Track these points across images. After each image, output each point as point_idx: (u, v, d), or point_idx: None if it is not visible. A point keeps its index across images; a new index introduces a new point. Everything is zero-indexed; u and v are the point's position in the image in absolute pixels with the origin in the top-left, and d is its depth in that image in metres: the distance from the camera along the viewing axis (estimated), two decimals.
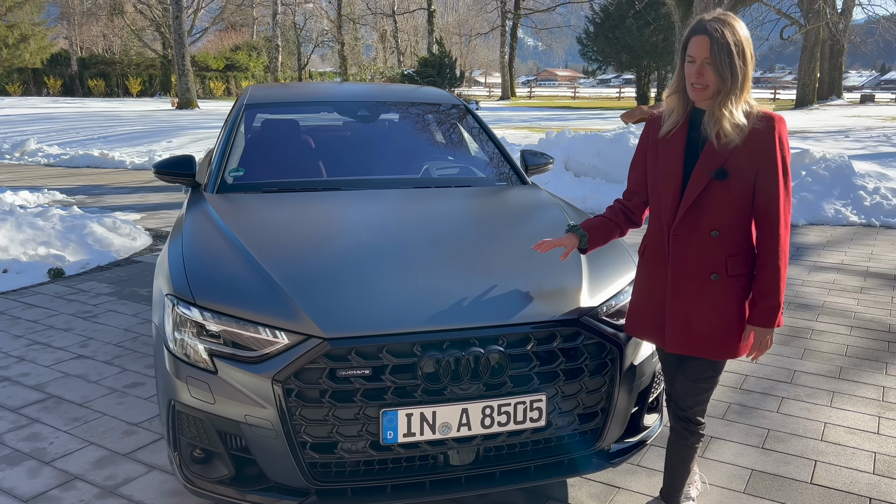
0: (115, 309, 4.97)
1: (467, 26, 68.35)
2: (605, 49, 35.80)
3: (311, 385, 2.18)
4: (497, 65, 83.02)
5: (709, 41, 2.05)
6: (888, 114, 28.92)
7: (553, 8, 44.79)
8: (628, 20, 33.49)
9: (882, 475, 2.87)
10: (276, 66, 33.74)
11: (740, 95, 2.09)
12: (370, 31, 57.10)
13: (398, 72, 35.69)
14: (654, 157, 2.29)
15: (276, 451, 2.21)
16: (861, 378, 3.81)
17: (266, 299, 2.34)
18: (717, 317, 2.20)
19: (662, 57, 34.44)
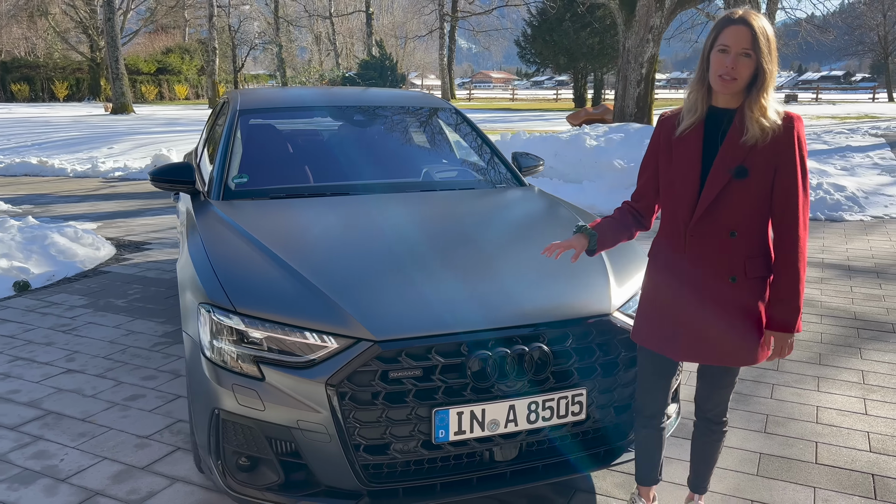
0: (94, 321, 4.83)
1: (403, 28, 68.41)
2: (543, 51, 36.36)
3: (364, 388, 2.21)
4: (432, 67, 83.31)
5: (749, 32, 2.01)
6: (812, 112, 30.32)
7: (490, 10, 45.21)
8: (565, 23, 34.12)
9: (879, 453, 3.07)
10: (214, 69, 33.03)
11: (771, 90, 2.06)
12: (304, 34, 56.56)
13: (339, 74, 35.43)
14: (668, 156, 2.24)
15: (330, 455, 2.23)
16: (840, 363, 4.03)
17: (310, 304, 2.35)
18: (735, 321, 2.15)
19: (599, 59, 35.21)
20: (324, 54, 59.76)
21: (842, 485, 2.82)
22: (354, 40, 62.48)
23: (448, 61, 45.30)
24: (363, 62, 34.44)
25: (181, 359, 4.15)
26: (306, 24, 50.41)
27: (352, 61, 53.48)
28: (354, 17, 55.15)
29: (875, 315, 4.87)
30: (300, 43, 63.56)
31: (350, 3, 54.77)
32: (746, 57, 2.02)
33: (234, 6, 41.22)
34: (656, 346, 2.27)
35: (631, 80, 14.86)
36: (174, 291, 5.48)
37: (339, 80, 34.88)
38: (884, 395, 3.63)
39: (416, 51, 72.56)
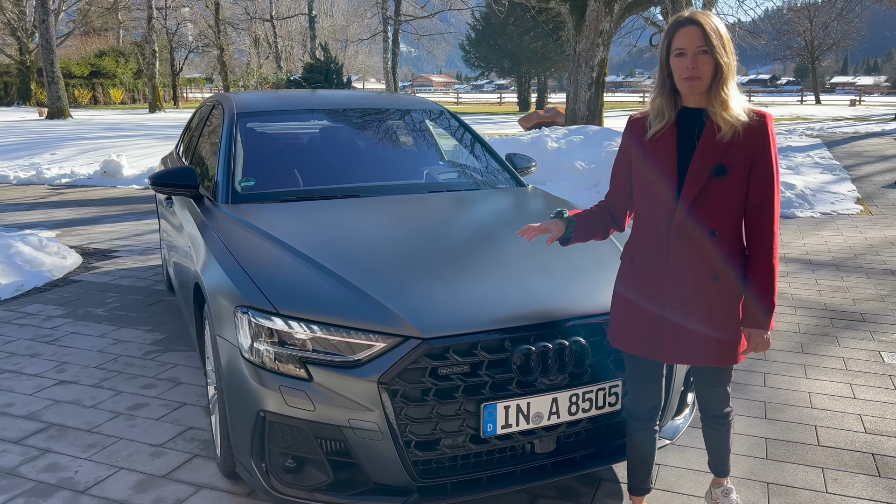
0: (76, 331, 4.70)
1: (343, 32, 67.91)
2: (488, 55, 36.78)
3: (414, 385, 2.25)
4: (373, 70, 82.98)
5: (700, 30, 2.03)
6: None
7: (433, 14, 45.34)
8: (509, 27, 34.57)
9: (874, 433, 3.25)
10: (154, 72, 32.19)
11: (734, 82, 2.09)
12: (243, 36, 55.53)
13: (283, 77, 34.95)
14: (642, 158, 2.22)
15: (382, 453, 2.26)
16: (821, 351, 4.25)
17: (353, 304, 2.38)
18: (719, 322, 2.16)
19: (542, 63, 35.81)
20: (263, 57, 58.87)
21: (846, 465, 2.99)
22: (294, 43, 61.71)
23: (392, 65, 45.20)
24: (308, 65, 34.01)
25: (177, 367, 4.08)
26: (246, 26, 49.53)
27: (292, 64, 52.78)
28: (294, 20, 54.48)
29: (843, 306, 5.13)
30: (238, 45, 62.47)
31: (290, 6, 54.10)
32: (704, 54, 2.04)
33: (174, 8, 40.23)
34: (639, 349, 2.26)
35: (582, 84, 15.18)
36: (155, 299, 5.38)
37: (283, 83, 34.40)
38: (867, 380, 3.84)
39: (357, 54, 72.12)
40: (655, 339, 2.22)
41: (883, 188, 10.80)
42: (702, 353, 2.19)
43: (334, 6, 74.40)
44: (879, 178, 11.82)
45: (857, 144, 16.60)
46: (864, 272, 6.09)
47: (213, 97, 4.72)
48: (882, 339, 4.44)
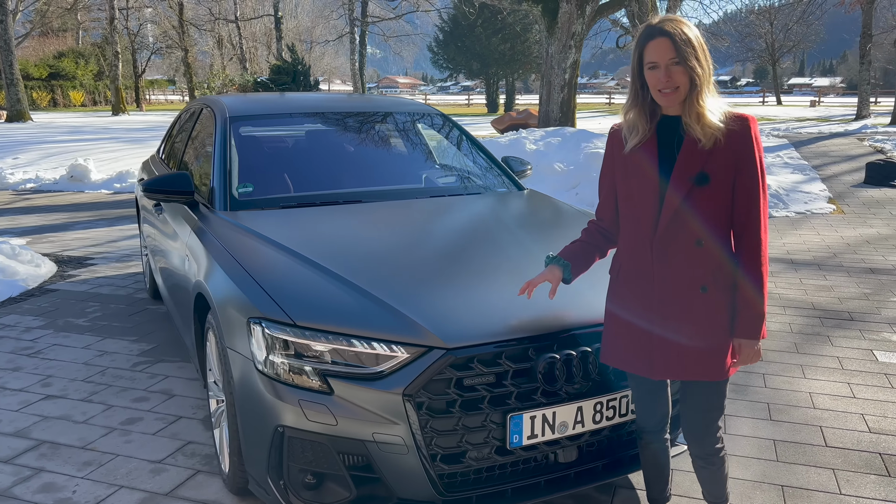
0: (59, 343, 4.54)
1: (308, 33, 67.39)
2: (456, 57, 36.81)
3: (439, 396, 2.19)
4: (339, 72, 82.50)
5: (670, 41, 1.97)
6: None
7: (400, 16, 45.22)
8: (477, 29, 34.65)
9: (878, 433, 3.28)
10: (117, 74, 31.50)
11: (710, 90, 2.01)
12: (205, 37, 54.74)
13: (249, 79, 34.54)
14: (624, 170, 2.17)
15: (407, 467, 2.20)
16: (816, 351, 4.29)
17: (372, 314, 2.31)
18: (710, 333, 2.09)
19: (510, 65, 35.94)
20: (227, 58, 58.14)
21: (855, 465, 3.00)
22: (258, 44, 61.06)
23: (360, 66, 45.01)
24: (275, 66, 33.69)
25: (169, 378, 3.96)
26: (210, 28, 48.82)
27: (257, 66, 52.19)
28: (257, 21, 53.87)
29: (830, 305, 5.20)
30: (201, 47, 61.63)
31: (254, 7, 53.48)
32: (677, 65, 1.98)
33: (136, 8, 39.46)
34: (630, 366, 2.19)
35: (555, 86, 15.23)
36: (138, 308, 5.23)
37: (250, 84, 33.99)
38: (864, 378, 3.88)
39: (323, 56, 71.64)
40: (645, 355, 2.14)
41: (852, 187, 11.03)
42: (692, 368, 2.11)
43: (299, 7, 73.87)
44: (847, 177, 12.07)
45: (823, 144, 16.95)
46: (845, 271, 6.19)
47: (198, 101, 4.60)
48: (873, 338, 4.50)
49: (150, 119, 29.78)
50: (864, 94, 26.03)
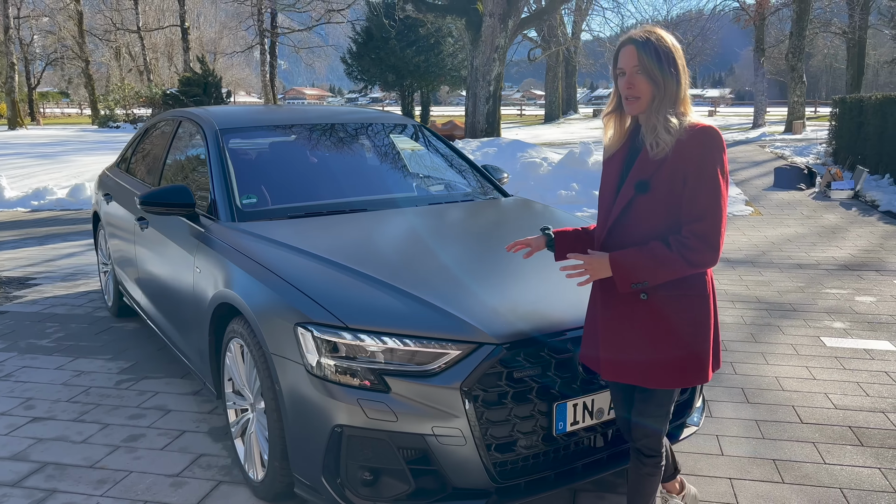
0: (27, 365, 4.38)
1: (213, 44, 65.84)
2: (371, 69, 36.78)
3: (492, 389, 2.33)
4: (244, 84, 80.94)
5: (635, 49, 2.01)
6: None
7: (310, 28, 44.92)
8: (391, 41, 34.77)
9: (843, 409, 3.63)
10: (13, 86, 29.84)
11: (676, 104, 2.02)
12: (101, 48, 52.56)
13: (157, 91, 33.45)
14: (602, 175, 2.26)
15: (465, 458, 2.31)
16: (771, 340, 4.66)
17: (421, 314, 2.43)
18: (649, 340, 2.08)
19: (425, 77, 36.25)
20: (125, 70, 56.05)
21: (832, 438, 3.33)
22: (159, 55, 59.18)
23: (270, 77, 44.38)
24: (184, 78, 32.78)
25: (159, 394, 3.90)
26: (110, 38, 46.98)
27: (158, 77, 50.57)
28: (159, 32, 52.24)
29: (772, 298, 5.63)
30: (97, 58, 59.17)
31: (157, 17, 51.83)
32: (639, 74, 2.01)
33: (34, 17, 37.53)
34: (591, 363, 2.24)
35: (480, 98, 15.62)
36: (102, 327, 5.08)
37: (158, 97, 32.91)
38: (819, 362, 4.26)
39: (231, 67, 70.06)
40: (597, 356, 2.19)
41: (764, 191, 11.83)
42: (634, 373, 2.12)
43: (201, 17, 72.07)
44: (758, 181, 12.95)
45: (730, 151, 17.96)
46: (777, 267, 6.69)
47: (171, 113, 4.55)
48: (816, 326, 4.93)
49: (51, 133, 28.37)
50: (761, 104, 27.85)
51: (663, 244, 2.02)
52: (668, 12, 62.19)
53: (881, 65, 48.42)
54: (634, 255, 2.04)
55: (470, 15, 15.62)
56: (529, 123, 36.81)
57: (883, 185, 11.73)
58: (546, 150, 11.09)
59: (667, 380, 2.12)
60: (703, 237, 1.98)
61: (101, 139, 25.39)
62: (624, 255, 2.05)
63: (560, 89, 36.85)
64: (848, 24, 29.71)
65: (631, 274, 2.03)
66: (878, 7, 32.09)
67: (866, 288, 5.88)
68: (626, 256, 2.05)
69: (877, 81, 55.75)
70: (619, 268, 2.05)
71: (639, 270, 2.03)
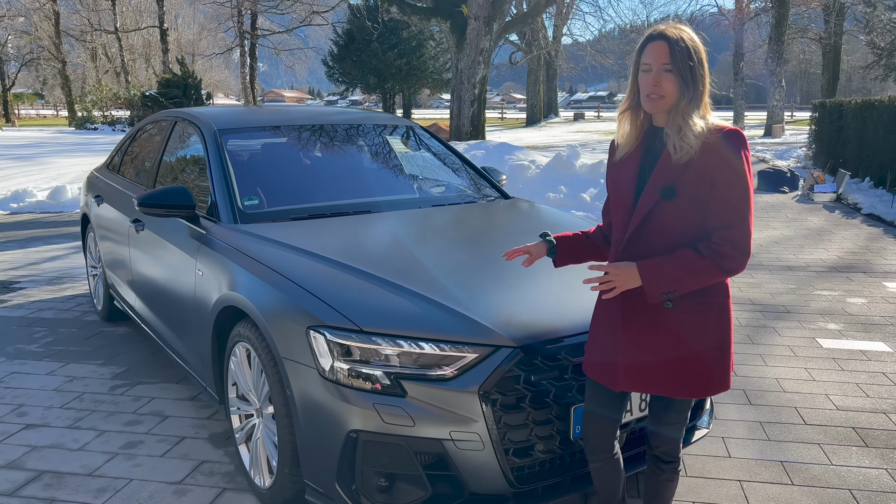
0: (17, 370, 4.27)
1: (191, 45, 65.32)
2: (352, 71, 36.73)
3: (510, 393, 2.30)
4: (222, 86, 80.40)
5: (667, 46, 1.93)
6: (603, 129, 33.51)
7: (291, 30, 44.72)
8: (373, 44, 34.75)
9: (844, 409, 3.65)
10: None
11: (701, 106, 1.96)
12: (77, 49, 51.93)
13: (136, 93, 33.08)
14: (613, 178, 2.16)
15: (483, 463, 2.28)
16: (768, 341, 4.68)
17: (436, 317, 2.39)
18: (673, 349, 2.01)
19: (407, 80, 36.26)
20: (102, 71, 55.43)
21: (836, 439, 3.34)
22: (136, 56, 58.60)
23: (250, 79, 44.11)
24: (164, 80, 32.47)
25: (155, 399, 3.82)
26: (88, 38, 46.41)
27: (135, 79, 50.06)
28: (136, 33, 51.73)
29: (765, 300, 5.66)
30: (72, 59, 58.48)
31: (135, 18, 51.31)
32: (668, 72, 1.94)
33: (9, 18, 36.96)
34: (598, 375, 2.15)
35: (465, 100, 15.61)
36: (92, 331, 4.99)
37: (137, 98, 32.55)
38: (816, 363, 4.28)
39: (210, 69, 69.53)
40: (611, 366, 2.09)
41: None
42: (657, 382, 2.05)
43: (179, 19, 71.57)
44: None
45: None
46: (767, 269, 6.74)
47: (165, 114, 4.47)
48: (811, 327, 4.96)
49: (28, 135, 27.95)
50: (740, 108, 28.16)
51: (694, 251, 1.94)
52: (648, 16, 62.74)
53: (854, 69, 49.22)
54: (665, 263, 1.95)
55: (455, 18, 15.61)
56: (511, 126, 36.92)
57: (863, 188, 11.90)
58: (533, 153, 11.10)
59: (692, 389, 2.06)
60: (736, 243, 1.93)
61: (79, 141, 25.06)
62: (654, 265, 1.96)
63: (541, 93, 36.96)
64: (824, 30, 30.17)
65: (662, 283, 1.95)
66: (853, 14, 32.63)
67: (856, 290, 5.93)
68: (657, 265, 1.96)
69: (849, 86, 56.66)
70: (650, 277, 1.96)
71: (670, 280, 1.95)
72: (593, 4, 33.93)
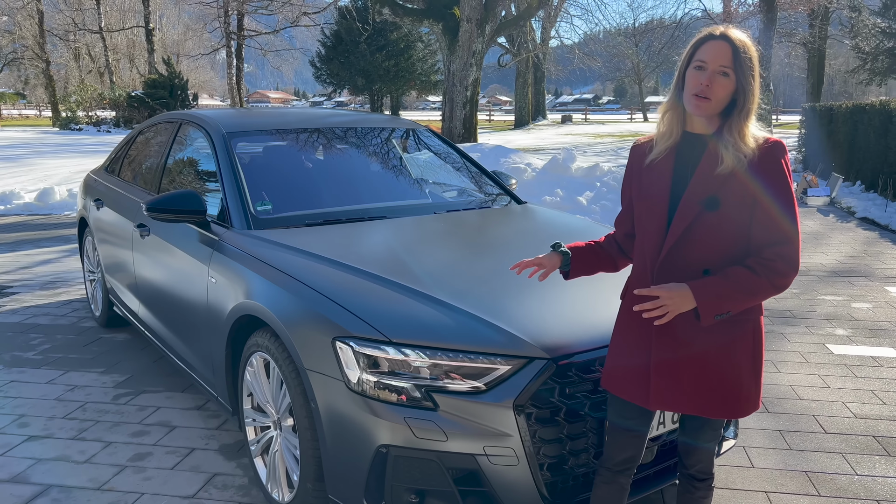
0: (14, 379, 4.15)
1: (175, 46, 64.88)
2: (340, 72, 36.57)
3: (545, 406, 2.23)
4: (207, 87, 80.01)
5: (730, 48, 1.84)
6: (592, 131, 33.57)
7: (278, 30, 44.47)
8: (361, 45, 34.62)
9: (863, 417, 3.62)
10: None
11: (752, 115, 1.89)
12: (59, 49, 51.37)
13: (121, 93, 32.75)
14: (639, 187, 2.05)
15: (517, 478, 2.21)
16: (779, 348, 4.65)
17: (467, 327, 2.32)
18: (710, 367, 1.93)
19: (395, 81, 36.16)
20: (85, 71, 54.88)
21: (857, 448, 3.30)
22: (120, 56, 58.11)
23: (237, 80, 43.81)
24: (150, 80, 32.20)
25: (161, 409, 3.72)
26: (71, 38, 45.95)
27: (119, 79, 49.60)
28: (120, 33, 51.26)
29: (770, 305, 5.63)
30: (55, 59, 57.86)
31: (121, 17, 50.83)
32: (724, 76, 1.85)
33: None
34: (626, 393, 2.04)
35: (457, 103, 15.56)
36: (90, 338, 4.87)
37: (123, 99, 32.21)
38: (829, 370, 4.26)
39: (196, 69, 69.06)
40: (642, 384, 1.99)
41: None
42: (691, 402, 1.96)
43: (164, 19, 71.16)
44: None
45: None
46: None
47: (169, 116, 4.37)
48: (819, 333, 4.94)
49: (11, 136, 27.55)
50: None
51: (747, 269, 1.86)
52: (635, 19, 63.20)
53: (836, 73, 49.76)
54: (720, 284, 1.85)
55: (447, 20, 15.56)
56: (499, 129, 36.88)
57: (855, 191, 11.97)
58: (529, 156, 11.04)
59: (727, 409, 1.97)
60: (788, 259, 1.86)
61: (64, 142, 24.73)
62: (709, 286, 1.86)
63: (530, 95, 36.99)
64: (809, 34, 30.42)
65: (718, 305, 1.85)
66: (839, 18, 32.95)
67: (860, 294, 5.93)
68: (713, 287, 1.86)
69: (832, 90, 57.29)
70: (706, 300, 1.85)
71: (727, 300, 1.86)
72: (581, 7, 34.37)
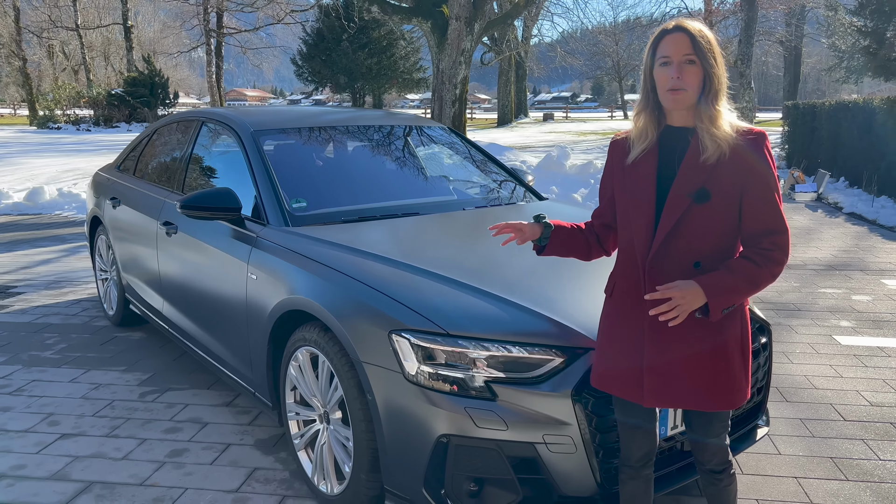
0: (36, 378, 4.14)
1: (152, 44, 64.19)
2: (322, 70, 36.43)
3: (600, 395, 2.29)
4: (183, 85, 79.38)
5: (688, 37, 1.86)
6: (575, 129, 33.77)
7: (258, 28, 44.17)
8: (343, 43, 34.52)
9: (879, 405, 3.73)
10: None
11: (721, 100, 1.89)
12: (33, 46, 50.59)
13: (101, 92, 32.37)
14: (622, 182, 2.04)
15: (575, 465, 2.28)
16: (788, 339, 4.77)
17: (521, 319, 2.39)
18: (705, 360, 1.94)
19: (377, 80, 36.09)
20: (59, 69, 54.13)
21: (878, 434, 3.41)
22: (95, 54, 57.39)
23: (217, 78, 43.47)
24: (130, 78, 31.89)
25: (190, 406, 3.74)
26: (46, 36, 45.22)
27: (95, 77, 49.00)
28: (95, 31, 50.62)
29: (774, 298, 5.77)
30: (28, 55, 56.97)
31: (98, 14, 50.21)
32: (691, 64, 1.86)
33: None
34: (620, 391, 2.05)
35: (446, 101, 15.58)
36: (105, 336, 4.86)
37: (103, 97, 31.86)
38: (840, 360, 4.38)
39: (176, 67, 68.39)
40: (636, 380, 2.00)
41: None
42: (687, 397, 1.97)
43: (140, 16, 70.37)
44: None
45: None
46: None
47: (192, 114, 4.37)
48: (825, 325, 5.06)
49: None
50: None
51: (749, 261, 1.89)
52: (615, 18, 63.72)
53: (809, 71, 50.51)
54: (727, 278, 1.87)
55: (436, 18, 15.59)
56: (482, 127, 36.95)
57: (840, 187, 12.20)
58: (523, 154, 11.13)
59: (724, 401, 1.98)
60: (783, 248, 1.90)
61: (44, 141, 24.42)
62: (718, 281, 1.87)
63: (512, 93, 37.12)
64: (786, 32, 30.86)
65: (727, 299, 1.88)
66: (816, 17, 33.45)
67: (858, 287, 6.08)
68: (721, 281, 1.87)
69: (805, 88, 58.12)
70: (716, 295, 1.86)
71: (734, 294, 1.88)
72: (562, 5, 34.61)
